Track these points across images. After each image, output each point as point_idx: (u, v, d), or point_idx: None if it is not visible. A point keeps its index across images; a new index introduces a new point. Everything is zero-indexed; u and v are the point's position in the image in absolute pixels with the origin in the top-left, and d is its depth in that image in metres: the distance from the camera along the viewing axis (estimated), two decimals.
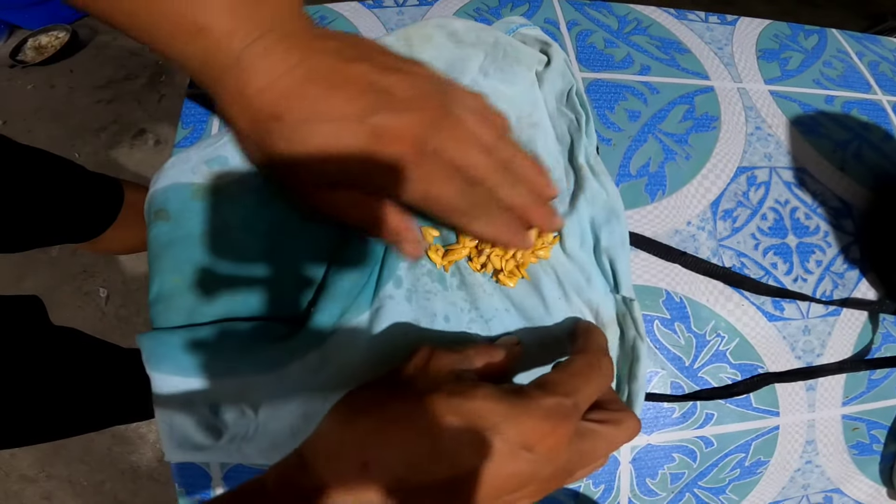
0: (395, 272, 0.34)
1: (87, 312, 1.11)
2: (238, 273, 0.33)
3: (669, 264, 0.38)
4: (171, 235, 0.34)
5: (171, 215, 0.34)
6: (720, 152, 0.41)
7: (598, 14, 0.45)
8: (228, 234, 0.34)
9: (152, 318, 0.33)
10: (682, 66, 0.43)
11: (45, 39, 1.34)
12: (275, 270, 0.34)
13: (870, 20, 1.27)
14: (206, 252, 0.33)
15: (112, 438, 1.01)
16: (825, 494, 0.39)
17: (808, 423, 0.38)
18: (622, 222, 0.35)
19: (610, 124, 0.40)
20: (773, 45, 0.47)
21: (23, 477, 1.00)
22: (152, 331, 0.32)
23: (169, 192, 0.34)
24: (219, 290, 0.33)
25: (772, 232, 0.40)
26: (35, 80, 1.32)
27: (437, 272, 0.35)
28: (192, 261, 0.33)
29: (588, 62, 0.42)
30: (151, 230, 0.34)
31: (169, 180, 0.35)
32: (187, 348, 0.31)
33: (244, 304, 0.33)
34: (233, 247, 0.34)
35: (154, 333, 0.32)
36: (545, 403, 0.20)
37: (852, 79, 0.46)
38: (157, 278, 0.33)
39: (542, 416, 0.20)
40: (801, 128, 0.43)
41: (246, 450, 0.31)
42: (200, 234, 0.34)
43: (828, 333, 0.39)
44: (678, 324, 0.37)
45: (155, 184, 0.35)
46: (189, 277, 0.33)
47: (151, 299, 0.33)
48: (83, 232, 0.66)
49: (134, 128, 1.26)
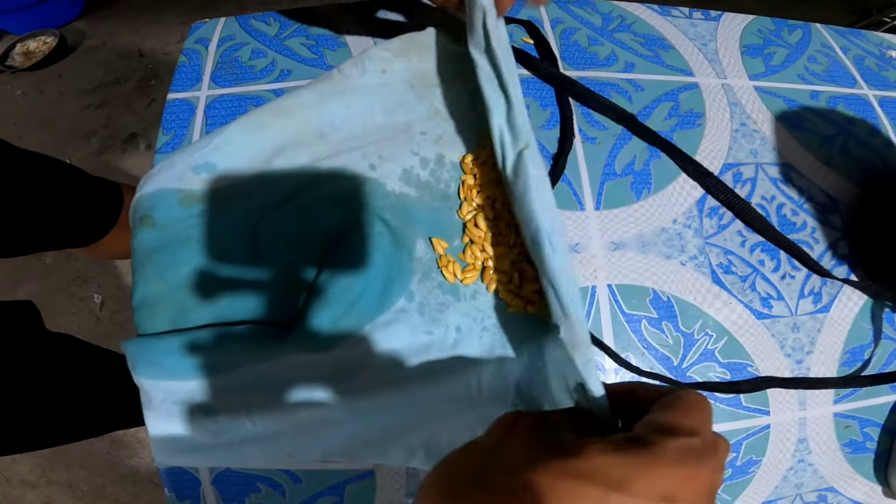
0: (407, 287, 0.34)
1: (81, 318, 1.11)
2: (224, 278, 0.33)
3: (656, 263, 0.37)
4: (155, 242, 0.33)
5: (156, 222, 0.34)
6: (705, 149, 0.41)
7: (581, 11, 0.45)
8: (214, 241, 0.34)
9: (137, 324, 0.32)
10: (667, 63, 0.43)
11: (33, 44, 1.33)
12: (261, 275, 0.34)
13: (857, 15, 1.27)
14: (192, 258, 0.33)
15: (111, 443, 1.01)
16: (819, 493, 0.39)
17: (800, 421, 0.38)
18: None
19: (594, 123, 0.40)
20: (758, 41, 0.46)
21: (24, 482, 1.00)
22: (137, 337, 0.32)
23: (155, 198, 0.34)
24: (205, 295, 0.33)
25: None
26: (24, 86, 1.31)
27: (448, 285, 0.35)
28: (177, 267, 0.33)
29: (572, 60, 0.42)
30: (136, 236, 0.34)
31: (155, 186, 0.34)
32: (174, 352, 0.31)
33: (230, 308, 0.33)
34: (219, 253, 0.34)
35: (139, 340, 0.31)
36: (672, 447, 0.17)
37: (837, 73, 0.46)
38: (140, 284, 0.33)
39: (674, 462, 0.17)
40: (786, 123, 0.43)
41: (248, 450, 0.31)
42: (186, 240, 0.34)
43: (817, 330, 0.39)
44: (666, 323, 0.37)
45: (141, 189, 0.35)
46: (173, 283, 0.33)
47: (135, 305, 0.33)
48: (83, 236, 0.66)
49: (125, 132, 1.25)
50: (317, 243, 0.34)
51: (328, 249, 0.34)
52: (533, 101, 0.40)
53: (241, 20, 0.43)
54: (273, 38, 0.42)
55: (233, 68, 0.40)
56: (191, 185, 0.35)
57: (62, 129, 1.26)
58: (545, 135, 0.39)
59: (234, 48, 0.41)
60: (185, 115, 0.39)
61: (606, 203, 0.38)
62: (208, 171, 0.35)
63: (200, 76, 0.40)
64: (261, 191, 0.35)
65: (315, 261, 0.34)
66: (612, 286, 0.37)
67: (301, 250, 0.34)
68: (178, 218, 0.34)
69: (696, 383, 0.36)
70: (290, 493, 0.34)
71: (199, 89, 0.39)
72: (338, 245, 0.34)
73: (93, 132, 1.25)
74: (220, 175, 0.35)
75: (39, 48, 1.32)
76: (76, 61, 1.35)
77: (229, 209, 0.34)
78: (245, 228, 0.34)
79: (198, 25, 0.43)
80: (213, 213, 0.34)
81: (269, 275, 0.33)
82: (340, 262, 0.33)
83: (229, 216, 0.34)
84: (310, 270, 0.34)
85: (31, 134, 1.26)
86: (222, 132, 0.36)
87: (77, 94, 1.30)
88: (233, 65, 0.40)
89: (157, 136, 0.38)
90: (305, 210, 0.35)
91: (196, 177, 0.35)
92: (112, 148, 1.24)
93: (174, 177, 0.35)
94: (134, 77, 1.32)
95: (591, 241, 0.37)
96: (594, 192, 0.38)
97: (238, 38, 0.42)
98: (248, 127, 0.36)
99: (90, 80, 1.32)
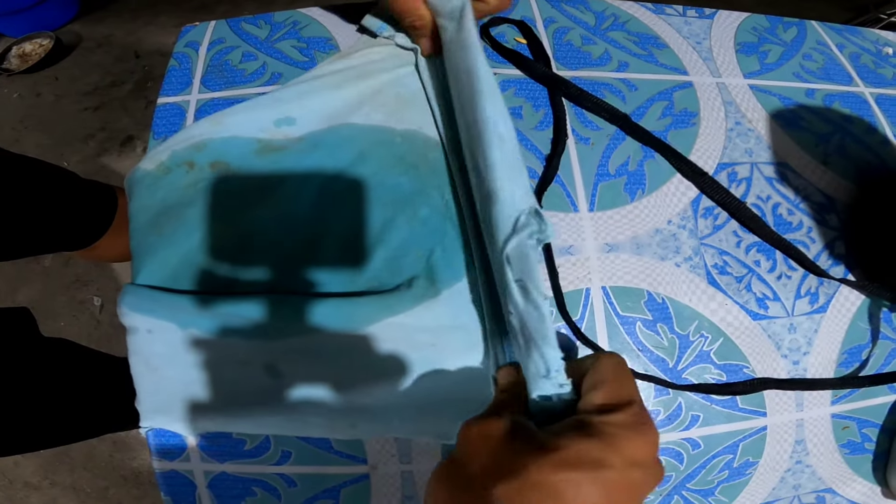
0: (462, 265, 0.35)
1: (81, 321, 1.11)
2: (295, 226, 0.35)
3: (651, 264, 0.37)
4: (227, 187, 0.35)
5: (230, 167, 0.35)
6: (700, 149, 0.40)
7: (574, 10, 0.44)
8: (285, 191, 0.35)
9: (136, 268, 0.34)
10: (661, 62, 0.43)
11: (29, 47, 1.33)
12: (332, 229, 0.35)
13: (853, 12, 1.26)
14: (265, 205, 0.35)
15: (113, 445, 1.01)
16: (817, 494, 0.38)
17: (797, 422, 0.38)
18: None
19: (588, 123, 0.40)
20: (752, 39, 0.46)
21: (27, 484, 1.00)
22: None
23: (230, 144, 0.36)
24: (270, 244, 0.34)
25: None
26: (20, 89, 1.31)
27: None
28: (244, 212, 0.34)
29: (565, 60, 0.42)
30: (186, 179, 0.35)
31: (230, 132, 0.36)
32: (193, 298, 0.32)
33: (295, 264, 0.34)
34: (288, 202, 0.35)
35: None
36: (623, 421, 0.20)
37: (833, 71, 0.46)
38: (206, 229, 0.34)
39: (632, 433, 0.20)
40: (781, 122, 0.42)
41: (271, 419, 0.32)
42: (259, 189, 0.35)
43: (814, 331, 0.38)
44: (661, 325, 0.36)
45: (208, 133, 0.36)
46: (243, 230, 0.34)
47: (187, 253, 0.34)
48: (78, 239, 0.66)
49: (122, 135, 1.25)
50: (386, 207, 0.35)
51: (392, 216, 0.35)
52: (526, 102, 0.40)
53: (231, 23, 0.42)
54: (264, 41, 0.41)
55: (223, 72, 0.40)
56: (269, 136, 0.36)
57: (60, 132, 1.26)
58: (538, 135, 0.39)
59: (224, 51, 0.41)
60: (175, 119, 0.39)
61: (600, 204, 0.38)
62: (289, 124, 0.37)
63: (191, 80, 0.40)
64: (336, 148, 0.36)
65: (379, 225, 0.35)
66: (606, 288, 0.36)
67: (368, 212, 0.35)
68: (253, 166, 0.35)
69: (692, 385, 0.36)
70: (285, 496, 0.34)
71: (190, 93, 0.39)
72: (405, 214, 0.35)
73: (90, 135, 1.25)
74: (298, 128, 0.37)
75: (35, 51, 1.32)
76: (72, 64, 1.35)
77: (302, 161, 0.36)
78: (318, 183, 0.35)
79: (188, 29, 0.43)
80: (286, 164, 0.36)
81: (334, 230, 0.35)
82: (407, 230, 0.34)
83: (301, 168, 0.36)
84: (373, 234, 0.35)
85: (29, 137, 1.26)
86: (304, 84, 0.38)
87: (74, 97, 1.30)
88: (223, 68, 0.40)
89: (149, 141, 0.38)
90: (376, 175, 0.36)
91: (276, 129, 0.36)
92: (110, 151, 1.23)
93: (255, 127, 0.36)
94: (130, 79, 1.31)
95: (585, 242, 0.37)
96: (588, 193, 0.38)
97: (228, 41, 0.41)
98: (329, 84, 0.38)
99: (87, 83, 1.31)
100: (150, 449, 0.34)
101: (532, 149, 0.39)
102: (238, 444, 0.34)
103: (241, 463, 0.34)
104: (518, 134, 0.39)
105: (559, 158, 0.38)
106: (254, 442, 0.34)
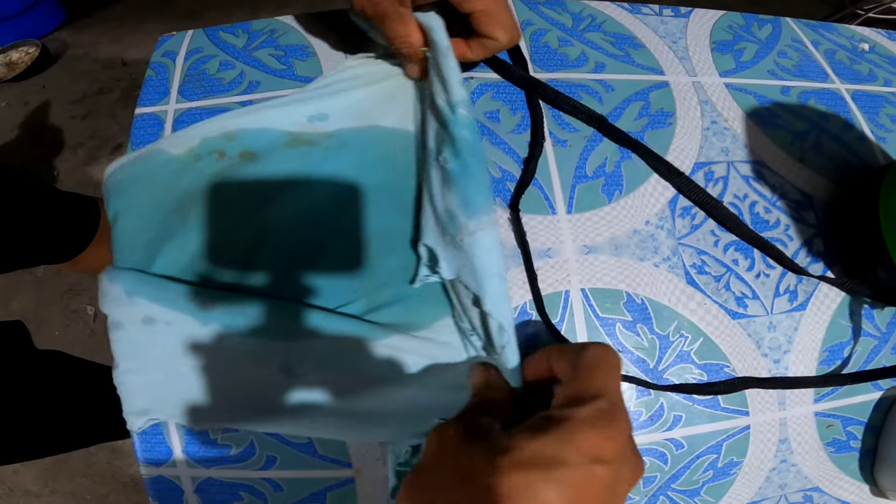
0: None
1: (75, 331, 1.11)
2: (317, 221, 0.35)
3: (629, 265, 0.37)
4: (255, 176, 0.35)
5: (258, 157, 0.36)
6: (676, 148, 0.40)
7: (551, 12, 0.44)
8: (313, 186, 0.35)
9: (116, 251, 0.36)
10: (637, 62, 0.43)
11: (15, 55, 1.32)
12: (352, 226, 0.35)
13: (833, 7, 1.26)
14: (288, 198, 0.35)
15: (112, 453, 1.02)
16: (804, 493, 0.38)
17: (780, 421, 0.38)
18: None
19: (565, 125, 0.40)
20: (727, 37, 0.46)
21: (27, 492, 1.01)
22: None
23: (261, 136, 0.36)
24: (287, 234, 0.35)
25: None
26: (8, 98, 1.31)
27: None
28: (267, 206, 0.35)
29: (542, 62, 0.42)
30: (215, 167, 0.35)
31: (262, 123, 0.36)
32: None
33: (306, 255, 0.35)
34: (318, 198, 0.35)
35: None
36: (584, 416, 0.20)
37: (808, 68, 0.46)
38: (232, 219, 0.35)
39: (589, 428, 0.19)
40: (757, 120, 0.43)
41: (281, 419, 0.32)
42: (286, 181, 0.35)
43: (794, 329, 0.38)
44: (640, 325, 0.37)
45: (241, 123, 0.36)
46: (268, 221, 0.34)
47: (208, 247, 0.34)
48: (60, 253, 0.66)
49: (111, 143, 1.25)
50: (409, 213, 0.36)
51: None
52: (503, 106, 0.40)
53: (208, 32, 0.42)
54: (241, 50, 0.41)
55: (201, 81, 0.40)
56: (301, 129, 0.36)
57: (49, 141, 1.26)
58: (515, 139, 0.39)
59: (201, 61, 0.41)
60: (153, 129, 0.38)
61: (578, 206, 0.38)
62: (321, 119, 0.37)
63: (168, 90, 0.40)
64: (363, 150, 0.37)
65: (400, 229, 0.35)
66: (585, 290, 0.36)
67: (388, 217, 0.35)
68: (281, 159, 0.36)
69: (673, 385, 0.36)
70: (271, 500, 0.34)
71: (167, 103, 0.39)
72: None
73: (80, 143, 1.25)
74: (329, 124, 0.37)
75: (22, 59, 1.32)
76: (60, 71, 1.35)
77: (329, 160, 0.36)
78: (341, 184, 0.36)
79: (164, 38, 0.43)
80: (312, 161, 0.36)
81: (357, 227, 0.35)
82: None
83: (326, 167, 0.36)
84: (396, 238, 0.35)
85: (18, 147, 1.26)
86: (339, 83, 0.38)
87: (62, 105, 1.30)
88: (201, 77, 0.40)
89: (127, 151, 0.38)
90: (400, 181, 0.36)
91: (308, 124, 0.37)
92: (100, 159, 1.23)
93: (288, 121, 0.36)
94: (118, 87, 1.31)
95: (564, 245, 0.37)
96: (566, 195, 0.38)
97: (206, 50, 0.41)
98: (363, 81, 0.38)
99: (74, 91, 1.31)
100: (136, 454, 0.34)
101: (510, 152, 0.39)
102: (224, 449, 0.34)
103: (227, 468, 0.34)
104: (495, 138, 0.39)
105: (536, 162, 0.38)
106: (239, 447, 0.34)
